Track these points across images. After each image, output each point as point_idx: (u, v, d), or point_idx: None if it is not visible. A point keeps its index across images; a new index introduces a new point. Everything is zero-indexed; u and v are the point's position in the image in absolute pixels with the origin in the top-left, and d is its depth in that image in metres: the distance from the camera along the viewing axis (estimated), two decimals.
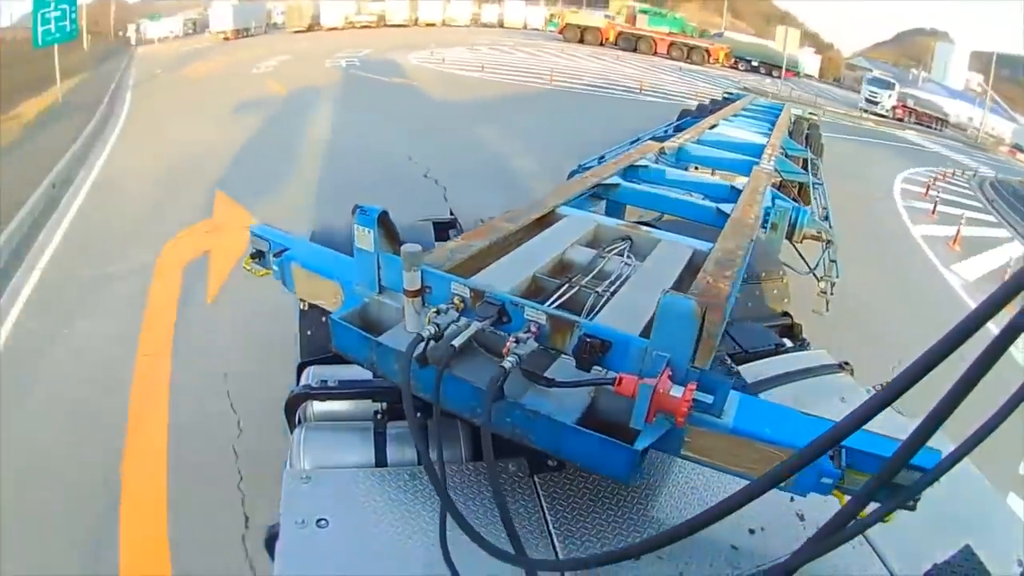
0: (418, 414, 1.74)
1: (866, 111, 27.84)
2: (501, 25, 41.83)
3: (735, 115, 8.61)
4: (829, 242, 4.94)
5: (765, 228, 4.50)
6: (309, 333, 3.04)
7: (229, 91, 17.76)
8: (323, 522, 1.74)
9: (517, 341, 1.71)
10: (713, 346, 2.10)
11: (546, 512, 1.90)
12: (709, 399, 1.57)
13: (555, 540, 1.82)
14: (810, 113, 10.49)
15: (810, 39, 36.29)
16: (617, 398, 1.60)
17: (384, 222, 2.05)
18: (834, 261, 4.93)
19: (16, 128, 13.06)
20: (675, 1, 41.09)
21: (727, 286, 2.37)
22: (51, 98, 15.74)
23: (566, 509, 1.91)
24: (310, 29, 36.61)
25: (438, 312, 1.85)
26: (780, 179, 5.75)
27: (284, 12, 38.10)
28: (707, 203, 4.07)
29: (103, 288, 7.02)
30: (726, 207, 3.78)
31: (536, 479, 2.02)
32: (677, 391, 1.51)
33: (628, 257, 2.68)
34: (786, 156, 6.53)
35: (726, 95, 11.92)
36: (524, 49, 32.00)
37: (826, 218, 5.68)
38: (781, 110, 9.66)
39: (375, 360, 1.96)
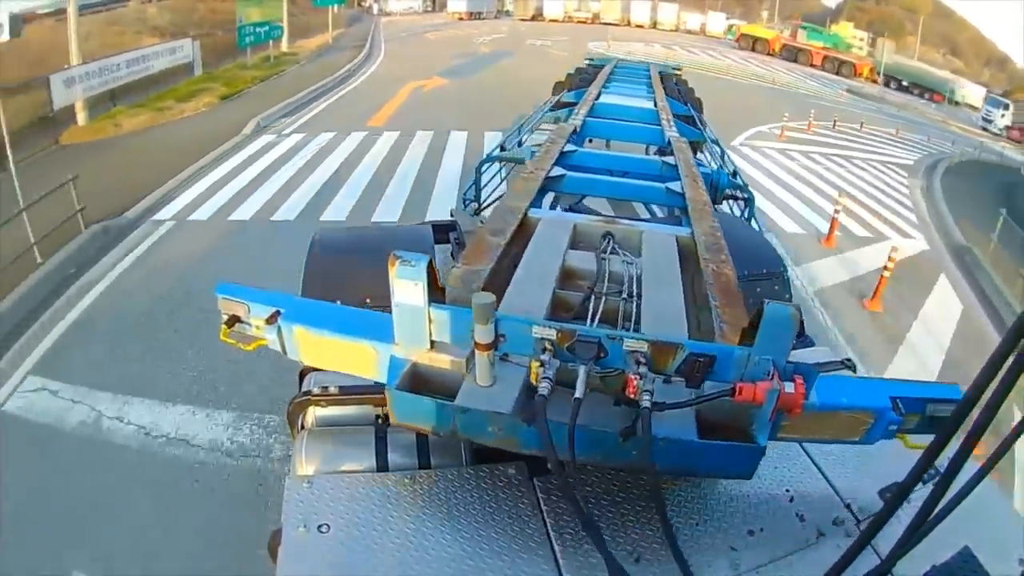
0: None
1: (984, 128, 29.73)
2: (703, 33, 46.05)
3: (608, 82, 8.76)
4: (748, 199, 5.18)
5: None
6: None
7: (453, 49, 30.90)
8: (324, 527, 1.79)
9: (642, 377, 1.73)
10: None
11: (545, 515, 1.94)
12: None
13: (554, 543, 1.85)
14: (674, 70, 11.11)
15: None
16: (716, 402, 1.75)
17: (430, 271, 1.87)
18: (753, 216, 5.19)
19: (305, 52, 27.48)
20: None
21: (731, 270, 2.54)
22: (322, 40, 29.83)
23: (566, 511, 1.92)
24: (533, 19, 46.37)
25: (542, 364, 1.79)
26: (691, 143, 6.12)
27: (513, 1, 48.78)
28: (656, 184, 4.23)
29: (376, 90, 20.95)
30: (674, 185, 3.95)
31: (536, 481, 2.04)
32: (789, 387, 1.68)
33: (624, 254, 2.78)
34: (675, 116, 6.87)
35: (588, 61, 11.65)
36: (689, 49, 38.02)
37: (735, 174, 5.85)
38: (648, 70, 10.06)
39: (458, 427, 1.84)
